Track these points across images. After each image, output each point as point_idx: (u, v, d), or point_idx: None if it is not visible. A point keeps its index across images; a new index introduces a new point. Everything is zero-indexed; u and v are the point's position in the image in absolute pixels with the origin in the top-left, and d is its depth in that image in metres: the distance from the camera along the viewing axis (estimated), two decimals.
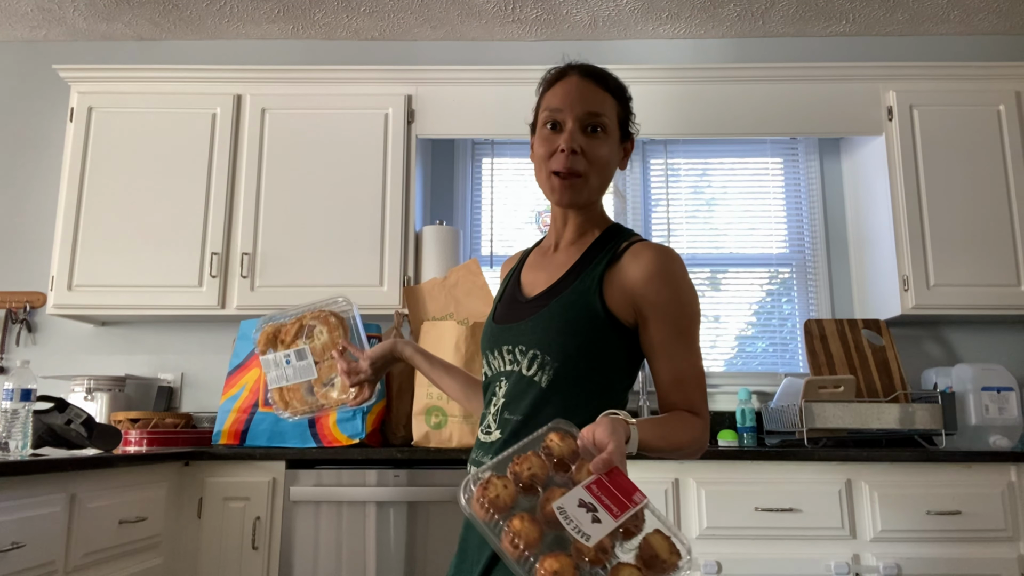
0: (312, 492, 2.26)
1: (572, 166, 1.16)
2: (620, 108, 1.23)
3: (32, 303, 3.08)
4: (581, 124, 1.18)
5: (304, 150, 2.85)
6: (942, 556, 2.20)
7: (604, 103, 1.20)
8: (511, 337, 1.19)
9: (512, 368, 1.18)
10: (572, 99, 1.19)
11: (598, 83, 1.21)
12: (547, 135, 1.20)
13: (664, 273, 1.14)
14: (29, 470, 1.58)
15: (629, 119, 1.26)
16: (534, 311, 1.19)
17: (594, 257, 1.20)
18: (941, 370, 2.81)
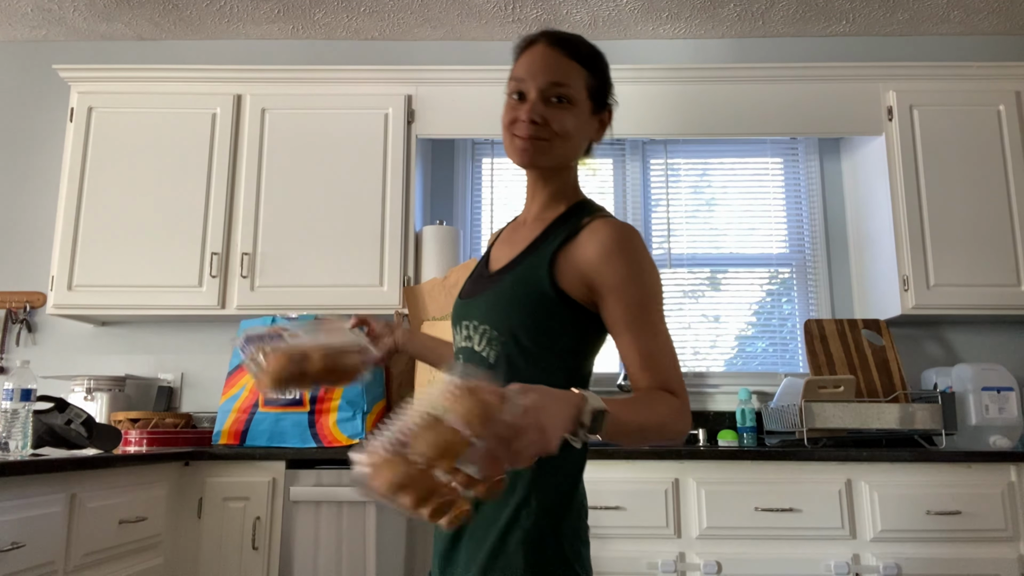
0: (312, 492, 2.26)
1: (534, 134, 1.14)
2: (591, 77, 1.18)
3: (32, 303, 3.08)
4: (544, 95, 1.15)
5: (304, 150, 2.85)
6: (942, 556, 2.20)
7: (570, 73, 1.16)
8: (469, 312, 1.18)
9: (467, 344, 1.17)
10: (536, 68, 1.16)
11: (566, 51, 1.17)
12: (513, 104, 1.18)
13: (621, 249, 1.10)
14: (29, 470, 1.58)
15: (605, 89, 1.21)
16: (490, 286, 1.18)
17: (553, 232, 1.16)
18: (941, 370, 2.81)
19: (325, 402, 2.45)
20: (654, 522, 2.24)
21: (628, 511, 2.24)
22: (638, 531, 2.23)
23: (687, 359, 3.11)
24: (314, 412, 2.44)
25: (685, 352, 3.12)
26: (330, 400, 2.45)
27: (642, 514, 2.24)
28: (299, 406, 2.44)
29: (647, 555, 2.22)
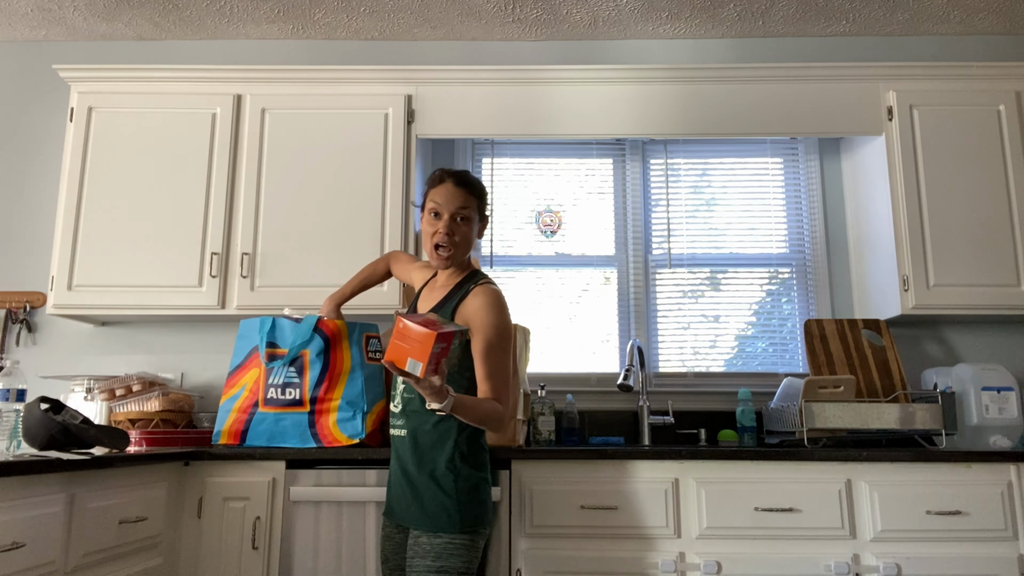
0: (312, 492, 2.26)
1: (447, 244, 1.88)
2: (479, 203, 1.94)
3: (32, 303, 3.08)
4: (452, 216, 1.89)
5: (304, 150, 2.85)
6: (942, 556, 2.20)
7: (469, 201, 1.90)
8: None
9: None
10: (448, 198, 1.89)
11: (466, 189, 1.90)
12: (431, 220, 1.91)
13: (489, 307, 1.83)
14: (29, 470, 1.58)
15: (485, 207, 1.97)
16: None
17: (454, 295, 1.90)
18: (941, 370, 2.81)
19: (325, 402, 2.45)
20: (654, 522, 2.24)
21: (628, 511, 2.24)
22: (638, 531, 2.23)
23: (687, 359, 3.12)
24: (314, 412, 2.44)
25: (685, 352, 3.12)
26: (330, 400, 2.45)
27: (642, 514, 2.24)
28: (299, 406, 2.44)
29: (647, 555, 2.22)
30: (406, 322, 1.57)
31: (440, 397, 1.62)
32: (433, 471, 1.81)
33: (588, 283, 3.20)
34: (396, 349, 1.57)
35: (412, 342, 1.56)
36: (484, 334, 1.81)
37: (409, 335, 1.56)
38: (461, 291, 1.89)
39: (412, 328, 1.56)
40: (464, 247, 1.91)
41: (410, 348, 1.56)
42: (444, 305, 1.90)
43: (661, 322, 3.15)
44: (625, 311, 3.15)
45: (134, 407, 2.70)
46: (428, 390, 1.61)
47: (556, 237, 3.24)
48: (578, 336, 3.14)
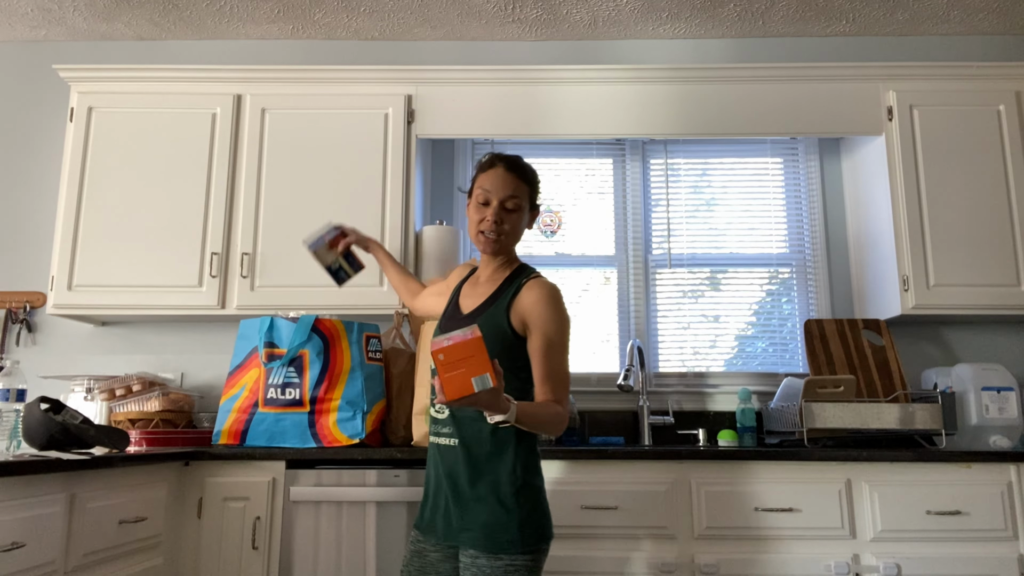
0: (312, 492, 2.26)
1: (496, 231, 1.73)
2: (531, 190, 1.78)
3: (32, 303, 3.08)
4: (503, 204, 1.73)
5: (304, 150, 2.85)
6: (942, 556, 2.20)
7: (520, 189, 1.75)
8: None
9: None
10: (498, 185, 1.73)
11: (518, 175, 1.75)
12: (478, 207, 1.75)
13: (547, 301, 1.68)
14: (29, 470, 1.58)
15: (536, 195, 1.82)
16: (469, 322, 1.71)
17: (505, 289, 1.74)
18: (941, 370, 2.81)
19: (325, 402, 2.45)
20: (654, 522, 2.24)
21: (628, 511, 2.24)
22: (638, 531, 2.23)
23: (687, 359, 3.12)
24: (314, 412, 2.44)
25: (685, 352, 3.12)
26: (330, 400, 2.45)
27: (642, 514, 2.24)
28: (299, 406, 2.44)
29: (647, 555, 2.22)
30: (448, 342, 1.39)
31: (503, 407, 1.45)
32: (494, 485, 1.62)
33: (588, 283, 3.20)
34: (453, 380, 1.38)
35: (466, 358, 1.39)
36: (544, 331, 1.65)
37: (458, 353, 1.39)
38: (513, 285, 1.73)
39: (458, 342, 1.39)
40: (513, 237, 1.76)
41: (467, 367, 1.39)
42: (495, 301, 1.72)
43: (661, 322, 3.15)
44: (625, 311, 3.15)
45: (134, 407, 2.70)
46: (495, 400, 1.41)
47: (556, 237, 3.24)
48: (578, 336, 3.14)
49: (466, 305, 1.78)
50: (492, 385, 1.37)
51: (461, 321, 1.73)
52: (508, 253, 1.79)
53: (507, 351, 1.66)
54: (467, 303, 1.79)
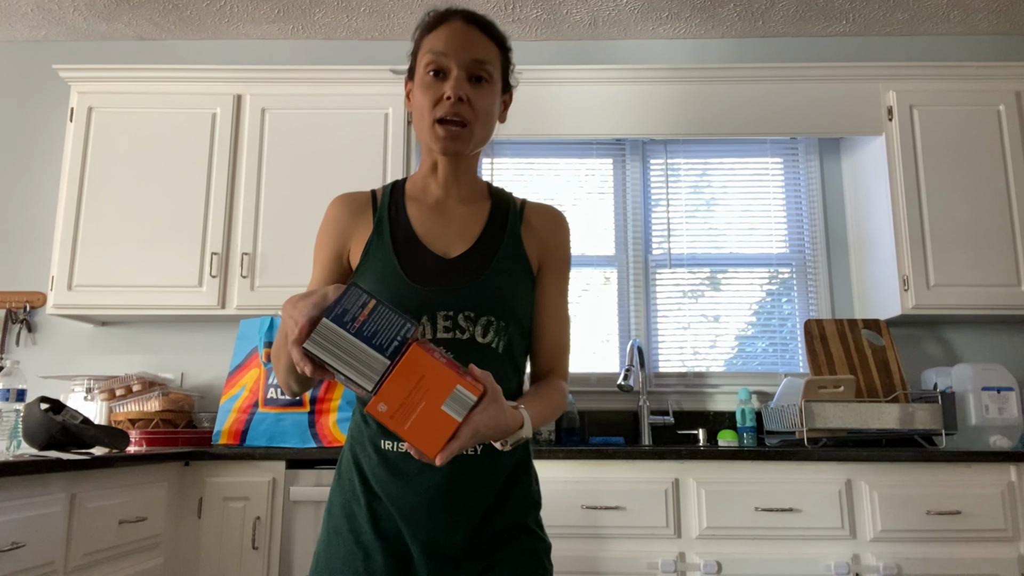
0: (312, 492, 2.26)
1: (458, 113, 1.12)
2: (503, 58, 1.20)
3: (32, 303, 3.08)
4: (467, 72, 1.14)
5: (304, 150, 2.85)
6: (942, 556, 2.20)
7: (490, 51, 1.16)
8: (449, 301, 1.10)
9: (455, 336, 1.10)
10: (457, 44, 1.13)
11: (483, 31, 1.17)
12: (430, 82, 1.14)
13: (567, 231, 1.23)
14: (29, 470, 1.58)
15: (510, 70, 1.24)
16: (475, 273, 1.13)
17: (503, 214, 1.20)
18: (941, 370, 2.81)
19: (325, 402, 2.45)
20: (654, 522, 2.24)
21: (628, 511, 2.24)
22: (638, 531, 2.23)
23: (687, 359, 3.12)
24: (314, 412, 2.44)
25: (685, 352, 3.12)
26: (330, 400, 2.45)
27: (642, 514, 2.24)
28: (299, 406, 2.44)
29: (647, 555, 2.22)
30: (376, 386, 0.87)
31: (514, 420, 0.95)
32: (525, 506, 1.13)
33: (588, 283, 3.20)
34: (420, 428, 0.86)
35: (412, 387, 0.86)
36: (566, 272, 1.21)
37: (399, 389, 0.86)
38: (507, 206, 1.21)
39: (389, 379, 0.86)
40: (484, 126, 1.15)
41: (425, 397, 0.86)
42: (503, 235, 1.17)
43: (661, 322, 3.15)
44: (625, 311, 3.15)
45: (134, 407, 2.70)
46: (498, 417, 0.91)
47: None
48: (578, 336, 3.14)
49: (443, 240, 1.16)
50: (475, 395, 0.87)
51: (452, 267, 1.12)
52: (477, 156, 1.23)
53: (528, 304, 1.16)
54: (440, 235, 1.16)
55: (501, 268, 1.14)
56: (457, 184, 1.21)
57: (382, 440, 1.11)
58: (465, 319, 1.11)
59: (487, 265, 1.13)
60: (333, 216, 1.20)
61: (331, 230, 1.20)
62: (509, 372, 1.15)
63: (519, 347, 1.17)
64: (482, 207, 1.20)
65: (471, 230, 1.17)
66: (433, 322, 1.10)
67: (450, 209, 1.19)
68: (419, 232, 1.16)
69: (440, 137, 1.14)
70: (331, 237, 1.19)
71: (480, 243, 1.16)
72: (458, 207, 1.20)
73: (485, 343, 1.11)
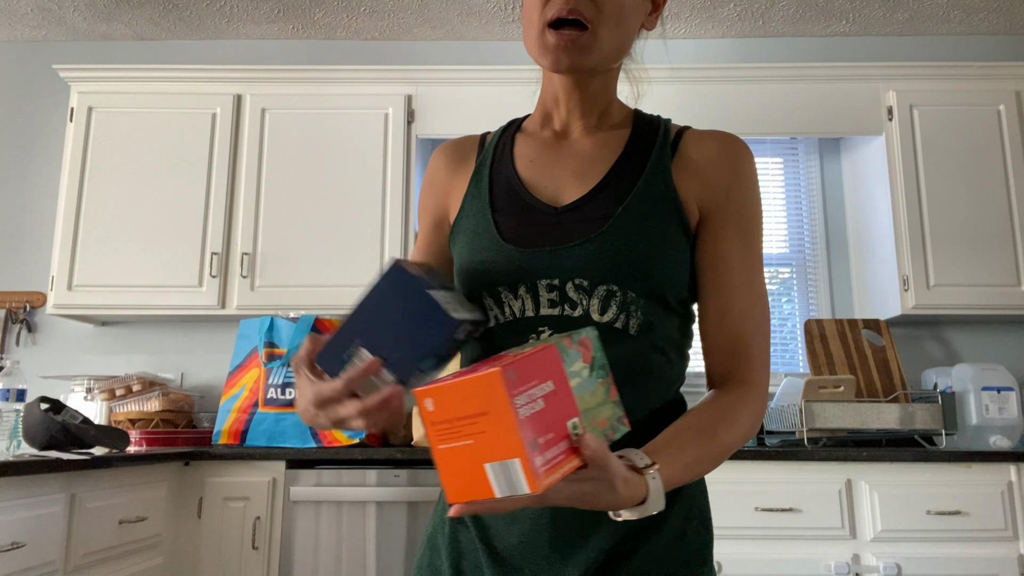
0: (312, 492, 2.26)
1: (576, 9, 0.80)
2: None
3: (32, 303, 3.08)
4: None
5: (304, 150, 2.85)
6: (942, 556, 2.20)
7: None
8: (554, 266, 0.82)
9: (563, 312, 0.81)
10: None
11: None
12: None
13: (751, 166, 0.86)
14: (29, 470, 1.58)
15: None
16: (594, 225, 0.82)
17: (646, 145, 0.87)
18: (941, 370, 2.81)
19: None
20: None
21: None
22: None
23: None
24: None
25: None
26: None
27: None
28: None
29: None
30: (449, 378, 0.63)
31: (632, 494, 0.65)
32: (677, 554, 0.81)
33: None
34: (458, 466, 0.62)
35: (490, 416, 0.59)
36: (750, 227, 0.85)
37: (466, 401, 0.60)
38: (657, 137, 0.89)
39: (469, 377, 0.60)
40: (615, 29, 0.86)
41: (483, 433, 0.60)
42: (642, 173, 0.85)
43: None
44: None
45: (134, 407, 2.70)
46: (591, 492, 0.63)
47: None
48: None
49: (553, 183, 0.88)
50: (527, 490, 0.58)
51: (558, 220, 0.84)
52: (611, 74, 0.92)
53: (679, 267, 0.83)
54: (551, 177, 0.88)
55: (632, 216, 0.81)
56: (583, 113, 0.90)
57: None
58: (576, 289, 0.81)
59: (611, 214, 0.82)
60: (430, 173, 0.97)
61: (428, 192, 0.97)
62: (654, 366, 0.82)
63: (670, 328, 0.83)
64: (616, 137, 0.89)
65: (596, 168, 0.86)
66: (535, 294, 0.82)
67: (570, 144, 0.90)
68: (524, 175, 0.88)
69: (550, 47, 0.82)
70: (428, 200, 0.96)
71: (604, 184, 0.84)
72: (583, 139, 0.89)
73: (605, 322, 0.80)
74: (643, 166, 0.85)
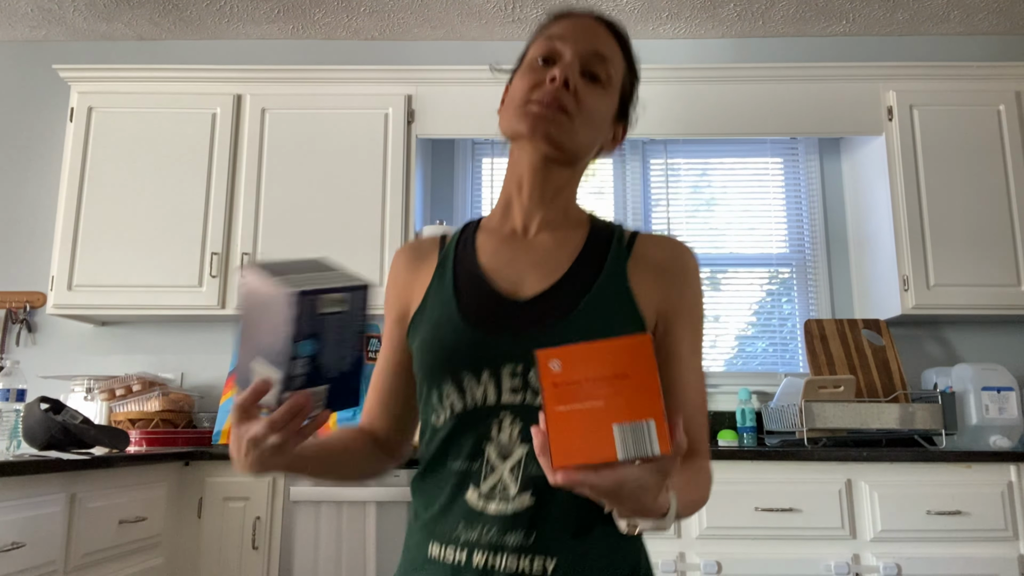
0: (312, 492, 2.26)
1: (560, 99, 0.86)
2: (628, 76, 0.97)
3: (32, 303, 3.08)
4: (582, 63, 0.90)
5: (304, 150, 2.85)
6: (942, 556, 2.20)
7: (615, 54, 0.93)
8: (519, 351, 0.84)
9: (525, 400, 0.84)
10: (579, 33, 0.91)
11: (613, 34, 0.95)
12: (535, 67, 0.91)
13: (696, 269, 0.94)
14: (29, 470, 1.58)
15: (632, 95, 0.99)
16: (555, 315, 0.86)
17: (603, 245, 0.93)
18: (941, 370, 2.81)
19: None
20: None
21: None
22: None
23: None
24: None
25: None
26: None
27: None
28: None
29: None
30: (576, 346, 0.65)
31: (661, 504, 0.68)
32: None
33: None
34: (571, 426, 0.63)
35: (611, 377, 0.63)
36: (699, 323, 0.94)
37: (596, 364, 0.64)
38: (613, 238, 0.94)
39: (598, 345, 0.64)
40: (589, 130, 0.90)
41: (609, 396, 0.63)
42: (601, 269, 0.90)
43: None
44: None
45: (134, 407, 2.70)
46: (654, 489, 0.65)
47: None
48: None
49: (517, 275, 0.91)
50: (659, 450, 0.62)
51: (523, 310, 0.88)
52: (574, 169, 0.95)
53: None
54: (512, 270, 0.92)
55: (594, 309, 0.86)
56: (545, 205, 0.94)
57: (430, 544, 0.85)
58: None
59: (574, 305, 0.86)
60: (392, 273, 1.01)
61: (391, 289, 1.00)
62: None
63: None
64: (574, 235, 0.94)
65: (557, 263, 0.91)
66: (497, 380, 0.84)
67: (531, 238, 0.94)
68: (487, 266, 0.92)
69: (532, 113, 0.87)
70: (391, 297, 1.00)
71: (566, 280, 0.89)
72: (542, 234, 0.94)
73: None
74: (601, 265, 0.91)
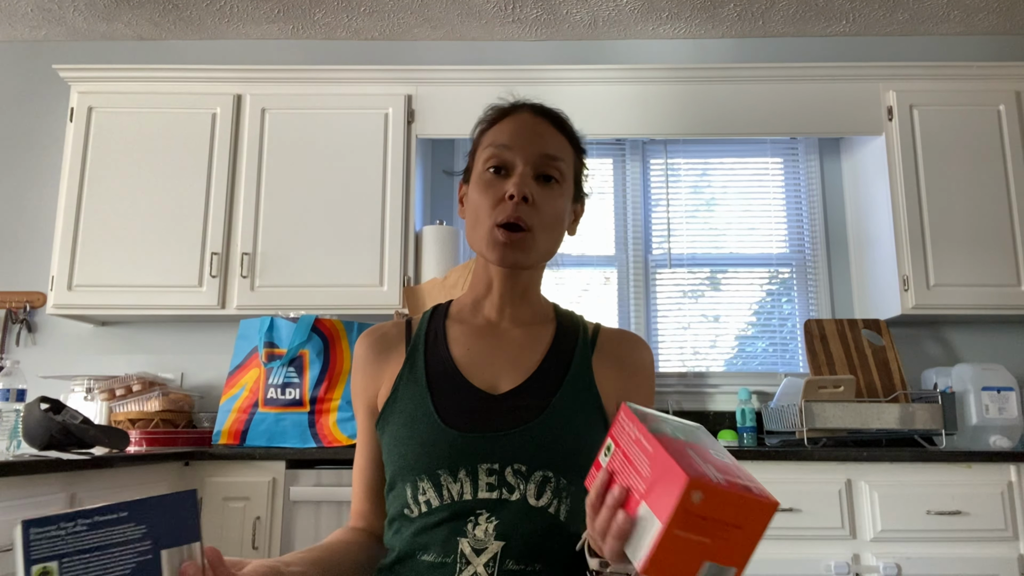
0: (312, 492, 2.26)
1: (521, 216, 0.92)
2: (576, 159, 1.03)
3: (32, 303, 3.08)
4: (534, 169, 0.96)
5: (304, 150, 2.85)
6: (942, 556, 2.20)
7: (562, 148, 0.99)
8: (495, 450, 0.89)
9: (501, 496, 0.87)
10: (524, 137, 0.97)
11: (555, 125, 1.00)
12: (489, 179, 0.97)
13: (651, 363, 1.03)
14: (29, 470, 1.58)
15: (583, 174, 1.05)
16: (529, 414, 0.90)
17: (570, 340, 0.99)
18: (941, 370, 2.81)
19: (325, 402, 2.45)
20: None
21: None
22: None
23: (687, 359, 3.12)
24: (314, 412, 2.44)
25: (685, 352, 3.12)
26: (330, 400, 2.45)
27: None
28: (299, 406, 2.44)
29: None
30: (722, 479, 0.68)
31: None
32: None
33: (588, 283, 3.20)
34: (680, 550, 0.68)
35: (732, 525, 0.70)
36: (652, 406, 0.99)
37: (730, 509, 0.69)
38: (578, 335, 1.01)
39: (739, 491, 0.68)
40: (550, 234, 0.97)
41: (719, 540, 0.70)
42: (568, 367, 0.96)
43: (661, 322, 3.15)
44: (625, 311, 3.15)
45: (134, 407, 2.70)
46: None
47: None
48: None
49: (490, 371, 0.96)
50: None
51: (498, 407, 0.92)
52: (540, 271, 1.04)
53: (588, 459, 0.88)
54: (485, 365, 0.96)
55: (564, 408, 0.91)
56: (514, 304, 1.00)
57: None
58: (515, 474, 0.88)
59: (545, 404, 0.91)
60: (357, 361, 1.03)
61: (358, 378, 1.01)
62: (567, 546, 0.89)
63: (582, 512, 0.89)
64: (544, 331, 1.00)
65: (527, 359, 0.96)
66: (474, 477, 0.88)
67: (502, 333, 0.99)
68: (460, 362, 0.96)
69: (498, 243, 0.93)
70: (359, 386, 1.01)
71: (538, 376, 0.94)
72: (513, 331, 0.99)
73: (540, 507, 0.88)
74: (569, 359, 0.98)
